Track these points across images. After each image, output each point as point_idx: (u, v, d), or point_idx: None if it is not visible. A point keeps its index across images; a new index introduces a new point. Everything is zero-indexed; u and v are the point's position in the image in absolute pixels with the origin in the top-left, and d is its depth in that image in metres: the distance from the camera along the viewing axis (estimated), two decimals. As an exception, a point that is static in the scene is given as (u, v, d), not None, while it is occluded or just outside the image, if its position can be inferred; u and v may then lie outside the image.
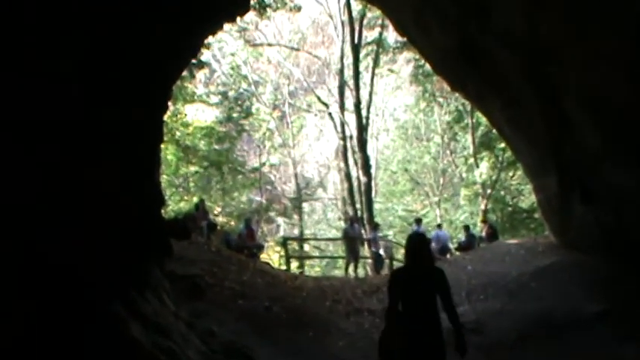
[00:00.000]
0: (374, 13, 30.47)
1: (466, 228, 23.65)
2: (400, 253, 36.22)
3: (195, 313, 9.70)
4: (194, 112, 34.01)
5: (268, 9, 27.45)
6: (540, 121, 12.29)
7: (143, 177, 7.95)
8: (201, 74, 34.03)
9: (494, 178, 31.84)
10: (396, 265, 27.22)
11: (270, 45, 40.07)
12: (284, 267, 23.63)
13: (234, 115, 34.15)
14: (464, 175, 38.20)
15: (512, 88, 12.52)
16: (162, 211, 11.62)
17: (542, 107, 12.09)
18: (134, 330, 6.75)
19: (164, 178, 30.28)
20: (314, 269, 38.21)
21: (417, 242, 6.12)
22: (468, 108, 31.67)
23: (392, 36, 32.95)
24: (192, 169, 33.26)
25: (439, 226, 25.90)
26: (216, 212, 33.33)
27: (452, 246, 24.13)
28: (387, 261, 24.35)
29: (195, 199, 30.46)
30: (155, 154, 8.75)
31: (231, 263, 14.84)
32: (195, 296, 10.88)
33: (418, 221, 24.54)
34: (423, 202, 44.69)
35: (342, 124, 34.51)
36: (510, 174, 33.94)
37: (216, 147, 33.90)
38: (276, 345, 10.23)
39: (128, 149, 7.39)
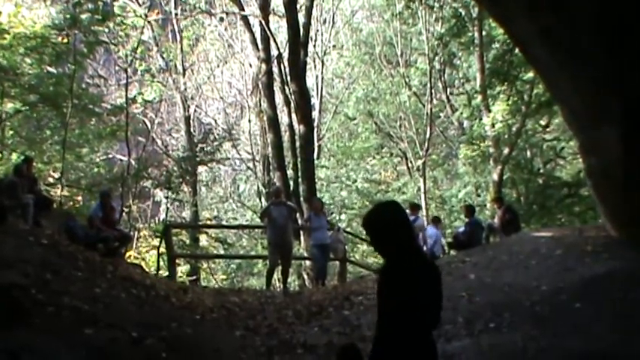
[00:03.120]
0: None
1: (468, 211, 23.84)
2: (360, 251, 36.63)
3: (11, 350, 9.48)
4: (13, 11, 33.09)
5: None
6: (597, 33, 12.29)
7: None
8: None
9: (515, 129, 32.22)
10: (355, 272, 27.46)
11: None
12: (165, 273, 23.48)
13: (83, 16, 33.39)
14: (465, 124, 38.58)
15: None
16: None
17: (601, 10, 12.04)
18: None
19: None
20: (216, 277, 38.17)
21: (401, 213, 5.97)
22: (474, 13, 31.78)
23: None
24: (11, 105, 32.48)
25: (436, 220, 25.97)
26: (51, 180, 32.77)
27: (443, 241, 24.39)
28: (336, 264, 24.43)
29: (15, 158, 29.85)
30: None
31: (76, 267, 14.60)
32: (13, 320, 10.64)
33: (415, 208, 24.56)
34: (396, 168, 45.08)
35: (266, 37, 34.24)
36: (542, 123, 34.41)
37: (52, 70, 33.09)
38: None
39: None
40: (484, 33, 32.30)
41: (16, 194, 18.57)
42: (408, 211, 24.51)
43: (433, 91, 39.10)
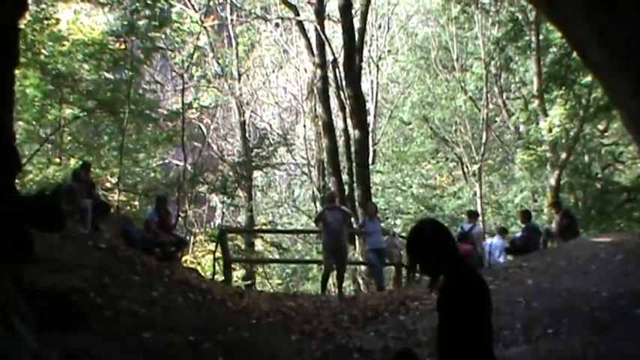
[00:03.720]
0: None
1: (525, 216, 23.70)
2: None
3: (71, 353, 9.53)
4: (72, 18, 33.40)
5: None
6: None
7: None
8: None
9: (572, 134, 31.90)
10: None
11: None
12: (221, 277, 23.53)
13: (141, 23, 33.63)
14: (522, 128, 38.28)
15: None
16: (17, 182, 11.36)
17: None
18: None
19: (20, 127, 29.91)
20: (271, 281, 38.20)
21: (438, 228, 5.95)
22: (531, 16, 31.54)
23: None
24: (69, 111, 32.81)
25: (503, 231, 25.79)
26: (109, 185, 33.03)
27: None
28: (392, 269, 24.38)
29: (73, 163, 30.14)
30: (2, 86, 8.51)
31: (134, 271, 14.68)
32: (73, 325, 10.70)
33: (472, 216, 24.41)
34: (452, 173, 44.85)
35: (321, 42, 34.24)
36: (600, 127, 34.02)
37: (110, 76, 33.35)
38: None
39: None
40: (541, 37, 32.06)
41: (74, 199, 18.76)
42: (465, 218, 24.48)
43: (489, 95, 38.86)
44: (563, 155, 31.86)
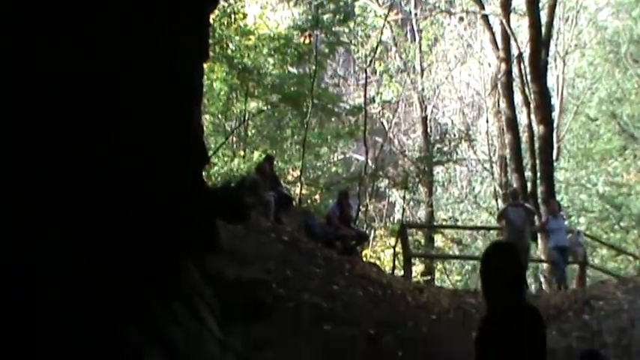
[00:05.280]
0: None
1: None
2: (600, 256, 35.59)
3: (254, 343, 9.72)
4: (258, 12, 34.02)
5: None
6: None
7: (171, 119, 7.90)
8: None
9: None
10: (594, 276, 26.73)
11: None
12: (401, 272, 23.55)
13: (325, 17, 33.96)
14: None
15: None
16: (204, 174, 11.67)
17: None
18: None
19: (207, 120, 30.70)
20: (451, 277, 37.99)
21: (496, 261, 5.77)
22: None
23: None
24: (254, 105, 33.44)
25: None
26: (291, 178, 33.48)
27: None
28: (575, 268, 23.90)
29: (257, 156, 30.72)
30: (193, 80, 8.70)
31: (315, 264, 14.87)
32: (256, 315, 10.93)
33: None
34: (640, 171, 43.54)
35: (507, 36, 33.77)
36: None
37: (294, 70, 33.81)
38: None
39: (144, 71, 7.31)
40: None
41: (258, 192, 19.13)
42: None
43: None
44: None
